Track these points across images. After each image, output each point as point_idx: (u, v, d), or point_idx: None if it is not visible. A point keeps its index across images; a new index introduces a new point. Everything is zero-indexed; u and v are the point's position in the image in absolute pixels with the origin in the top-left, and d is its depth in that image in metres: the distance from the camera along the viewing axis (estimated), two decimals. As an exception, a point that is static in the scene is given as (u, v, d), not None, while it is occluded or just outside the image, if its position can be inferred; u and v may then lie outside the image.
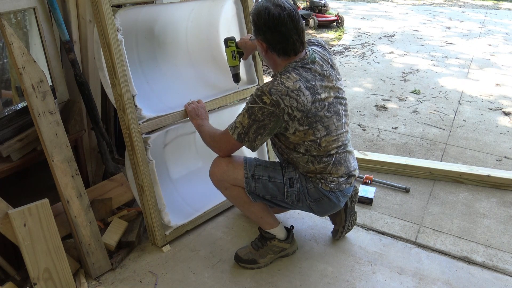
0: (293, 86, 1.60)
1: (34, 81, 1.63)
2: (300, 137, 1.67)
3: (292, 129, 1.65)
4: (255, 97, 1.62)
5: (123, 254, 1.99)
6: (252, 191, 1.79)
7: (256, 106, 1.61)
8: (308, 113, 1.62)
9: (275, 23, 1.57)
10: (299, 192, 1.79)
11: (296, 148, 1.73)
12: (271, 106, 1.58)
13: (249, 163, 1.81)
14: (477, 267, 1.97)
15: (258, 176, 1.78)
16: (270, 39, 1.62)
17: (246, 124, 1.65)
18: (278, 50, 1.64)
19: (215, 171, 1.82)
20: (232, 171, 1.79)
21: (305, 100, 1.61)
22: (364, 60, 5.46)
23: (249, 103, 1.64)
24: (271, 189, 1.78)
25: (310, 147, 1.70)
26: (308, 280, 1.88)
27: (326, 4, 7.54)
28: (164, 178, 2.34)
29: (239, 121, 1.68)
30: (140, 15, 2.10)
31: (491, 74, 4.96)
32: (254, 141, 1.68)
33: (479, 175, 2.61)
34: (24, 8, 1.91)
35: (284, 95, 1.58)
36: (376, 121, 3.61)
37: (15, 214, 1.57)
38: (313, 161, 1.74)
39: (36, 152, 1.88)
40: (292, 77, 1.61)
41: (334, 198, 1.80)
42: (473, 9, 9.82)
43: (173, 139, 2.43)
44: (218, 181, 1.84)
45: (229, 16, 2.35)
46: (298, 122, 1.63)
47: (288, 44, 1.62)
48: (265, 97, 1.58)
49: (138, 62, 2.21)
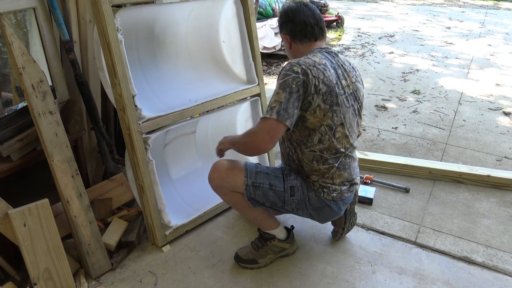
0: (319, 61, 1.68)
1: (34, 81, 1.63)
2: (320, 118, 1.66)
3: (315, 104, 1.63)
4: (286, 71, 1.64)
5: (123, 254, 1.99)
6: (251, 197, 1.77)
7: (289, 78, 1.61)
8: (332, 91, 1.66)
9: (293, 11, 1.77)
10: (300, 201, 1.78)
11: (310, 136, 1.70)
12: (302, 75, 1.61)
13: (249, 170, 1.78)
14: (477, 267, 1.97)
15: (259, 184, 1.75)
16: (291, 27, 1.77)
17: (283, 99, 1.59)
18: (299, 35, 1.77)
19: (214, 177, 1.79)
20: (232, 178, 1.76)
21: (330, 75, 1.67)
22: (364, 60, 5.46)
23: (280, 79, 1.64)
24: (271, 197, 1.77)
25: (325, 135, 1.69)
26: (308, 280, 1.88)
27: (326, 4, 7.53)
28: (164, 178, 2.34)
29: (275, 100, 1.60)
30: (140, 15, 2.10)
31: (491, 74, 4.96)
32: (293, 117, 1.60)
33: (479, 175, 2.61)
34: (24, 8, 1.91)
35: (311, 66, 1.64)
36: (376, 121, 3.61)
37: (15, 214, 1.57)
38: (318, 160, 1.73)
39: (36, 152, 1.88)
40: (318, 56, 1.71)
41: (335, 207, 1.80)
42: (473, 9, 9.82)
43: (173, 139, 2.43)
44: (217, 187, 1.82)
45: (229, 16, 2.35)
46: (322, 97, 1.64)
47: (307, 27, 1.75)
48: (295, 67, 1.63)
49: (138, 62, 2.21)
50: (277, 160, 2.87)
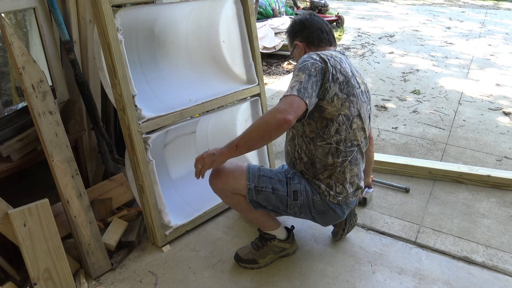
0: (336, 54, 1.75)
1: (34, 81, 1.63)
2: (337, 107, 1.67)
3: (332, 92, 1.65)
4: (304, 59, 1.67)
5: (123, 254, 1.99)
6: (253, 200, 1.76)
7: (308, 62, 1.64)
8: (348, 81, 1.70)
9: (309, 19, 1.85)
10: (303, 205, 1.77)
11: (327, 127, 1.69)
12: (321, 62, 1.65)
13: (252, 173, 1.75)
14: (477, 267, 1.97)
15: (261, 188, 1.74)
16: (306, 33, 1.83)
17: (303, 79, 1.58)
18: (316, 41, 1.83)
19: (215, 181, 1.76)
20: (233, 181, 1.73)
21: (346, 67, 1.72)
22: (364, 60, 5.46)
23: (299, 64, 1.66)
24: (273, 201, 1.76)
25: (342, 125, 1.70)
26: (308, 280, 1.88)
27: (326, 4, 7.54)
28: (164, 178, 2.34)
29: (295, 80, 1.59)
30: (140, 15, 2.11)
31: (491, 74, 4.96)
32: (312, 97, 1.59)
33: (479, 175, 2.61)
34: (24, 8, 1.92)
35: (329, 56, 1.69)
36: (376, 121, 3.61)
37: (15, 214, 1.57)
38: (333, 153, 1.73)
39: (36, 152, 1.88)
40: (332, 52, 1.77)
41: (339, 211, 1.81)
42: (473, 9, 9.83)
43: (173, 139, 2.43)
44: (218, 190, 1.79)
45: (229, 16, 2.35)
46: (339, 86, 1.66)
47: (323, 33, 1.84)
48: (314, 55, 1.68)
49: (138, 62, 2.21)
50: (277, 160, 2.87)
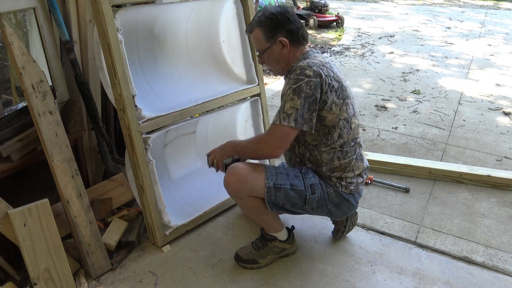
0: (323, 60, 1.71)
1: (34, 81, 1.63)
2: (337, 114, 1.68)
3: (330, 101, 1.65)
4: (298, 75, 1.62)
5: (123, 254, 1.99)
6: (271, 201, 1.75)
7: (302, 82, 1.60)
8: (342, 85, 1.70)
9: (290, 13, 1.73)
10: (320, 198, 1.77)
11: (329, 134, 1.71)
12: (315, 77, 1.61)
13: (270, 172, 1.74)
14: (477, 267, 1.97)
15: (280, 185, 1.73)
16: (291, 28, 1.71)
17: (299, 105, 1.58)
18: (298, 37, 1.74)
19: (232, 182, 1.73)
20: (252, 182, 1.71)
21: (337, 71, 1.72)
22: (364, 60, 5.46)
23: (292, 85, 1.61)
24: (292, 198, 1.75)
25: (343, 129, 1.71)
26: (308, 280, 1.88)
27: (326, 4, 7.54)
28: (164, 178, 2.34)
29: (290, 107, 1.59)
30: (140, 15, 2.10)
31: (491, 74, 4.96)
32: (311, 121, 1.62)
33: (479, 175, 2.61)
34: (24, 8, 1.91)
35: (321, 66, 1.65)
36: (376, 121, 3.61)
37: (15, 214, 1.57)
38: (339, 156, 1.74)
39: (36, 152, 1.88)
40: (318, 56, 1.74)
41: (353, 200, 1.82)
42: (473, 9, 9.82)
43: (173, 139, 2.43)
44: (234, 192, 1.77)
45: (229, 16, 2.35)
46: (335, 93, 1.66)
47: (303, 30, 1.76)
48: (307, 70, 1.62)
49: (138, 62, 2.21)
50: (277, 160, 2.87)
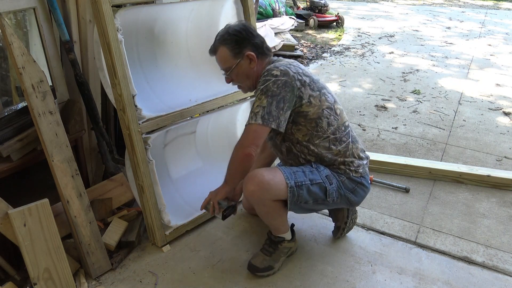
0: (289, 60, 1.80)
1: (34, 81, 1.63)
2: (318, 106, 1.72)
3: (306, 95, 1.70)
4: (265, 77, 1.69)
5: (123, 254, 1.99)
6: (294, 201, 1.73)
7: (269, 82, 1.66)
8: (313, 78, 1.76)
9: (251, 28, 1.81)
10: (338, 187, 1.79)
11: (317, 125, 1.73)
12: (282, 76, 1.66)
13: (287, 172, 1.73)
14: (477, 267, 1.97)
15: (301, 183, 1.72)
16: (256, 42, 1.79)
17: (265, 103, 1.64)
18: (264, 49, 1.81)
19: (255, 190, 1.70)
20: (275, 186, 1.69)
21: (304, 68, 1.78)
22: (364, 60, 5.46)
23: (260, 86, 1.68)
24: (313, 193, 1.74)
25: (330, 117, 1.75)
26: (308, 280, 1.88)
27: (326, 4, 7.54)
28: (164, 178, 2.34)
29: (257, 106, 1.65)
30: (140, 15, 2.10)
31: (491, 74, 4.96)
32: (278, 118, 1.65)
33: (479, 175, 2.61)
34: (24, 8, 1.91)
35: (288, 65, 1.73)
36: (376, 121, 3.61)
37: (15, 214, 1.57)
38: (335, 143, 1.77)
39: (36, 152, 1.88)
40: (283, 59, 1.82)
41: (366, 183, 1.85)
42: (473, 9, 9.83)
43: (173, 139, 2.43)
44: (258, 199, 1.74)
45: (229, 16, 2.35)
46: (309, 87, 1.71)
47: (266, 43, 1.84)
48: (274, 71, 1.69)
49: (138, 62, 2.21)
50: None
